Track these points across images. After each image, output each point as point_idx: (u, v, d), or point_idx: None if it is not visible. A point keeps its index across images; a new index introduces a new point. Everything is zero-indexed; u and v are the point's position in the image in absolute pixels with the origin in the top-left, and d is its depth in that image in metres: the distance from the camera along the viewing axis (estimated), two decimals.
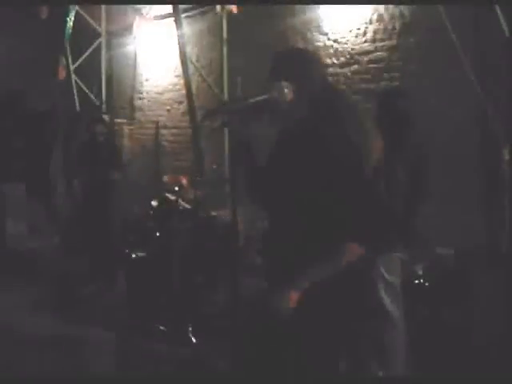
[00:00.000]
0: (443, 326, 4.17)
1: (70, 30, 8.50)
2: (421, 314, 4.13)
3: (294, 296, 2.41)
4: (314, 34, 6.44)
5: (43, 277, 6.73)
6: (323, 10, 6.28)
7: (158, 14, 8.67)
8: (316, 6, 6.34)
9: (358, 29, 5.97)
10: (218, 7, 7.47)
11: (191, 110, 7.91)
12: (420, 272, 4.31)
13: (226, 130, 6.82)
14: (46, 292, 6.20)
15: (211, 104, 7.73)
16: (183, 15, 7.94)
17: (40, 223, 8.10)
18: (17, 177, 8.54)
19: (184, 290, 5.06)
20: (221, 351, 4.44)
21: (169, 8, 8.02)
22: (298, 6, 6.57)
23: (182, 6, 7.89)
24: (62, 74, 8.68)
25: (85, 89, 9.42)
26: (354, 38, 6.03)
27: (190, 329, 4.82)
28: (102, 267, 6.42)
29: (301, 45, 6.59)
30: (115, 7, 9.13)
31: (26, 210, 8.01)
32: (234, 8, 7.09)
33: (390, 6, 5.69)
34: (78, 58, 9.12)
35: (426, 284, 4.28)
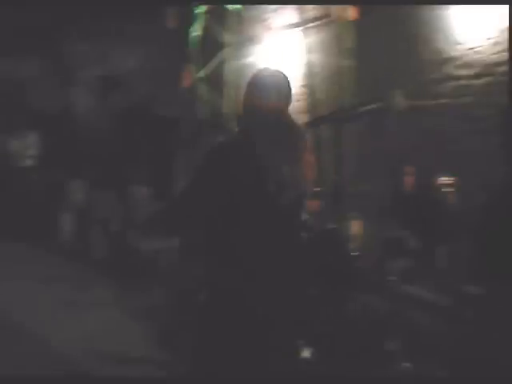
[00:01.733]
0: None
1: (197, 40, 8.67)
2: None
3: None
4: (444, 42, 6.15)
5: (167, 278, 6.90)
6: (454, 16, 5.97)
7: (284, 24, 8.67)
8: (445, 10, 6.05)
9: (493, 37, 5.61)
10: (336, 15, 7.35)
11: (314, 121, 7.82)
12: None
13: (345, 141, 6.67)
14: (168, 294, 6.34)
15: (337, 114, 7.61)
16: (309, 25, 7.89)
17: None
18: (142, 180, 8.84)
19: (296, 303, 4.97)
20: (331, 367, 4.35)
21: (294, 17, 8.01)
22: (425, 12, 6.32)
23: (307, 16, 7.86)
24: (188, 83, 8.88)
25: (209, 97, 9.59)
26: (489, 47, 5.67)
27: (302, 343, 4.72)
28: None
29: (429, 55, 6.34)
30: (241, 17, 9.23)
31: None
32: (352, 13, 6.94)
33: None
34: (203, 67, 9.31)
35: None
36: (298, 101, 8.61)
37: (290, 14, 8.38)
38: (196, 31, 8.56)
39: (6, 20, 8.94)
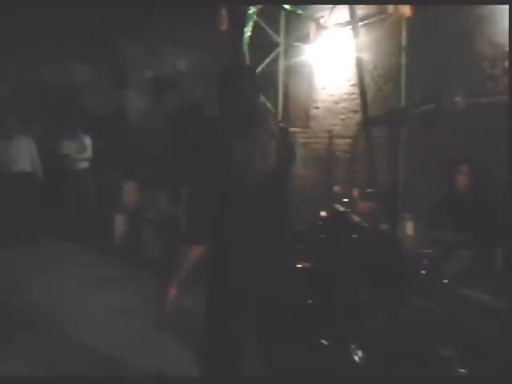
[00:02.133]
0: None
1: (249, 41, 8.64)
2: None
3: None
4: (503, 37, 5.94)
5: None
6: None
7: (336, 22, 8.58)
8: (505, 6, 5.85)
9: None
10: (391, 11, 7.24)
11: (366, 120, 7.71)
12: None
13: (400, 141, 6.53)
14: None
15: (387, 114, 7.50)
16: (361, 23, 7.78)
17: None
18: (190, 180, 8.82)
19: (348, 305, 4.89)
20: (384, 372, 4.26)
21: (346, 16, 7.91)
22: (482, 6, 6.13)
23: (360, 14, 7.74)
24: None
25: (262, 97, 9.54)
26: None
27: (354, 346, 4.64)
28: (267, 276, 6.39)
29: (489, 52, 6.15)
30: (293, 17, 9.17)
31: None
32: (405, 10, 6.83)
33: None
34: (256, 68, 9.27)
35: None
36: (348, 100, 8.51)
37: (342, 12, 8.28)
38: (248, 32, 8.54)
39: (60, 24, 9.13)
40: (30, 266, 7.55)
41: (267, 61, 9.28)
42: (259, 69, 9.25)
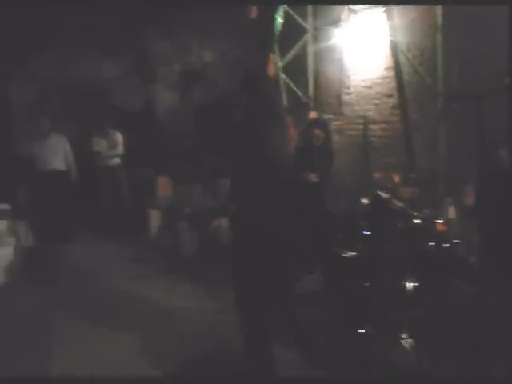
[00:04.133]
0: None
1: (279, 28, 8.51)
2: None
3: None
4: None
5: None
6: None
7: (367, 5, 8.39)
8: None
9: None
10: None
11: (402, 104, 7.56)
12: None
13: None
14: None
15: (424, 96, 7.36)
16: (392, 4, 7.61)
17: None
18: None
19: (395, 293, 4.80)
20: (435, 357, 4.17)
21: None
22: None
23: None
24: (271, 72, 8.71)
25: (292, 86, 9.42)
26: None
27: (402, 333, 4.54)
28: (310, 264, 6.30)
29: None
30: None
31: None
32: None
33: None
34: (284, 55, 9.15)
35: None
36: (381, 84, 8.32)
37: None
38: (279, 18, 8.41)
39: (86, 21, 9.08)
40: (67, 263, 7.60)
41: (296, 47, 9.15)
42: (289, 55, 9.13)
